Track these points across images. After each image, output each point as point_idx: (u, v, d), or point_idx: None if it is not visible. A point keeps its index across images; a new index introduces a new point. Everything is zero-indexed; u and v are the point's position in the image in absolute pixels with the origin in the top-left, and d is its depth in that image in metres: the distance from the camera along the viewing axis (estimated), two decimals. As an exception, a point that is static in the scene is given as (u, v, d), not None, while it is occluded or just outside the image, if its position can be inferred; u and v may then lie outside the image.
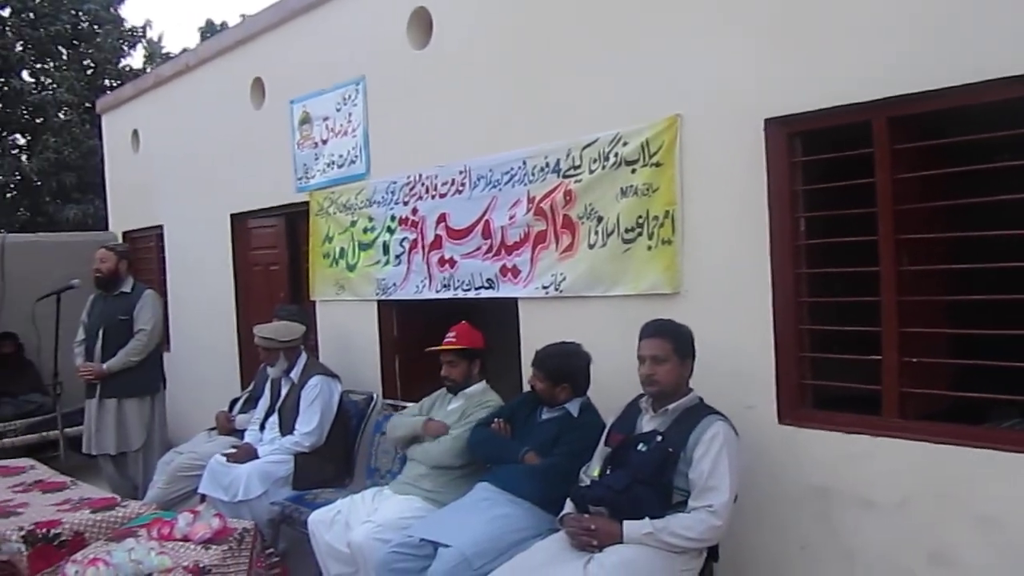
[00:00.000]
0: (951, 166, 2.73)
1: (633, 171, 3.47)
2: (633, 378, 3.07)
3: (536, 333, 3.86)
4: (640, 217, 3.45)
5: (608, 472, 2.96)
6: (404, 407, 4.50)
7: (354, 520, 3.53)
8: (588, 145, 3.65)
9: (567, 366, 3.37)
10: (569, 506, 3.01)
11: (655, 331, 2.97)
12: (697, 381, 3.05)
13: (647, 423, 2.99)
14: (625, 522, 2.77)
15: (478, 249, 4.22)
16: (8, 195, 15.57)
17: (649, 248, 3.42)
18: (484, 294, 4.21)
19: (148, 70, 15.60)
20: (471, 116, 4.27)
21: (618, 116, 3.55)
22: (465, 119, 4.31)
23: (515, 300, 4.07)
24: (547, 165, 3.84)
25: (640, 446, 2.91)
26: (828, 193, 3.00)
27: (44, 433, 6.36)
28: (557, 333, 3.62)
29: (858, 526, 2.87)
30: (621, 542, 2.75)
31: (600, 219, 3.62)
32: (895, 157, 2.77)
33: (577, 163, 3.71)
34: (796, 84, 2.95)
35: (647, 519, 2.75)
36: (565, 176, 3.76)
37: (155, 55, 16.97)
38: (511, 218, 4.02)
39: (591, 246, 3.66)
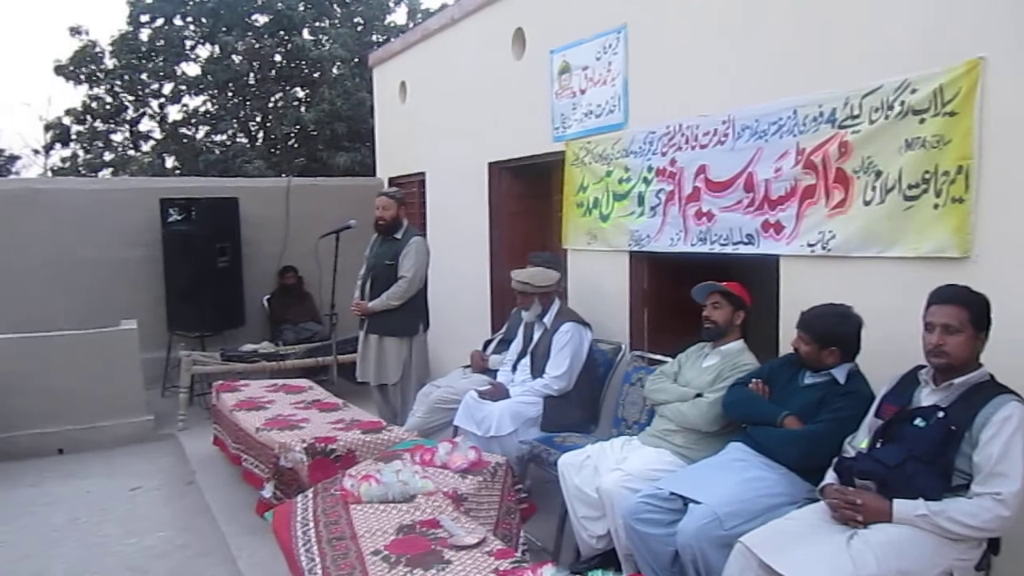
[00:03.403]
0: None
1: (921, 121, 3.16)
2: (908, 346, 2.84)
3: (798, 293, 3.67)
4: (927, 172, 3.14)
5: (878, 445, 2.77)
6: (652, 359, 4.50)
7: (603, 466, 3.57)
8: (870, 93, 3.36)
9: (837, 329, 3.17)
10: (831, 477, 2.86)
11: (950, 297, 2.69)
12: (987, 356, 2.75)
13: (926, 397, 2.75)
14: (896, 500, 2.58)
15: (739, 203, 4.06)
16: (289, 143, 17.14)
17: (936, 207, 3.12)
18: (742, 250, 4.06)
19: (411, 25, 16.43)
20: (738, 64, 4.08)
21: (907, 60, 3.23)
22: (731, 67, 4.13)
23: (775, 258, 3.88)
24: (821, 115, 3.59)
25: (918, 421, 2.68)
26: None
27: (319, 359, 7.01)
28: (822, 294, 3.41)
29: None
30: (889, 521, 2.58)
31: (879, 173, 3.34)
32: None
33: (856, 112, 3.43)
34: None
35: (921, 500, 2.56)
36: (841, 127, 3.50)
37: (416, 11, 17.81)
38: (777, 171, 3.82)
39: (867, 202, 3.40)
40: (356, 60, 15.72)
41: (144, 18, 16.25)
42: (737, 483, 3.04)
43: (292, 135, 16.93)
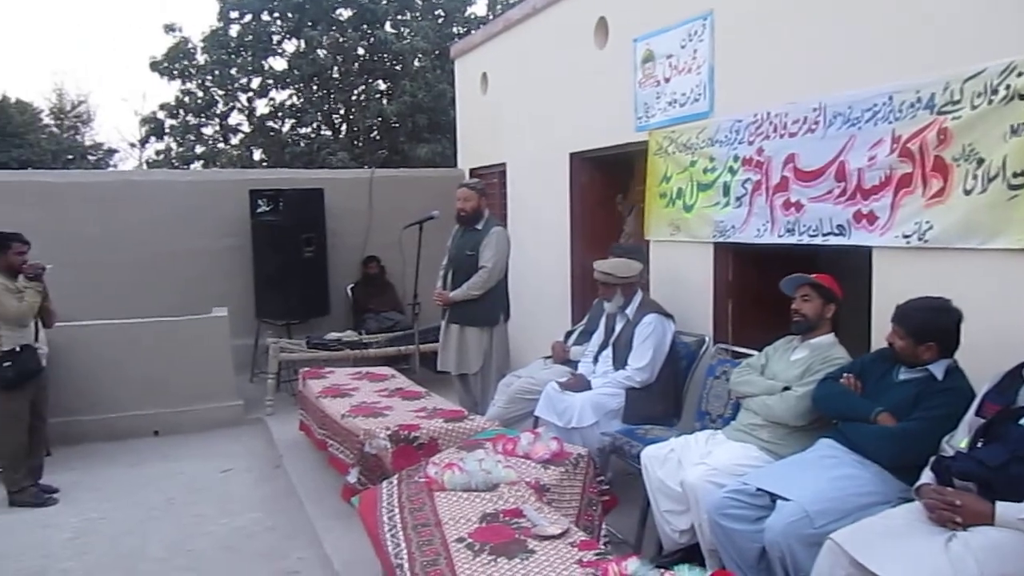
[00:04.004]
0: None
1: (1029, 106, 3.01)
2: (1011, 342, 2.73)
3: (892, 286, 3.54)
4: (1034, 160, 3.00)
5: (979, 445, 2.65)
6: (737, 352, 4.41)
7: (687, 460, 3.53)
8: (972, 77, 3.21)
9: (934, 323, 3.05)
10: (928, 476, 2.76)
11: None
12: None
13: (1033, 395, 2.64)
14: (998, 503, 2.47)
15: (829, 192, 3.94)
16: (372, 135, 17.43)
17: (1043, 196, 2.97)
18: (832, 241, 3.94)
19: (491, 17, 16.48)
20: (829, 48, 3.96)
21: (1012, 42, 3.07)
22: (822, 52, 4.00)
23: (868, 250, 3.76)
24: (918, 100, 3.45)
25: (1023, 421, 2.57)
26: None
27: (401, 347, 7.12)
28: (917, 287, 3.28)
29: None
30: (991, 524, 2.47)
31: (980, 161, 3.19)
32: None
33: (956, 98, 3.29)
34: None
35: (1026, 502, 2.45)
36: (940, 112, 3.36)
37: (496, 2, 17.85)
38: (871, 159, 3.70)
39: (967, 192, 3.25)
40: (437, 52, 15.88)
41: (233, 14, 16.74)
42: (827, 480, 2.96)
43: (374, 127, 17.22)
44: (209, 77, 17.00)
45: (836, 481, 2.96)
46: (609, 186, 6.39)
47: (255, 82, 17.18)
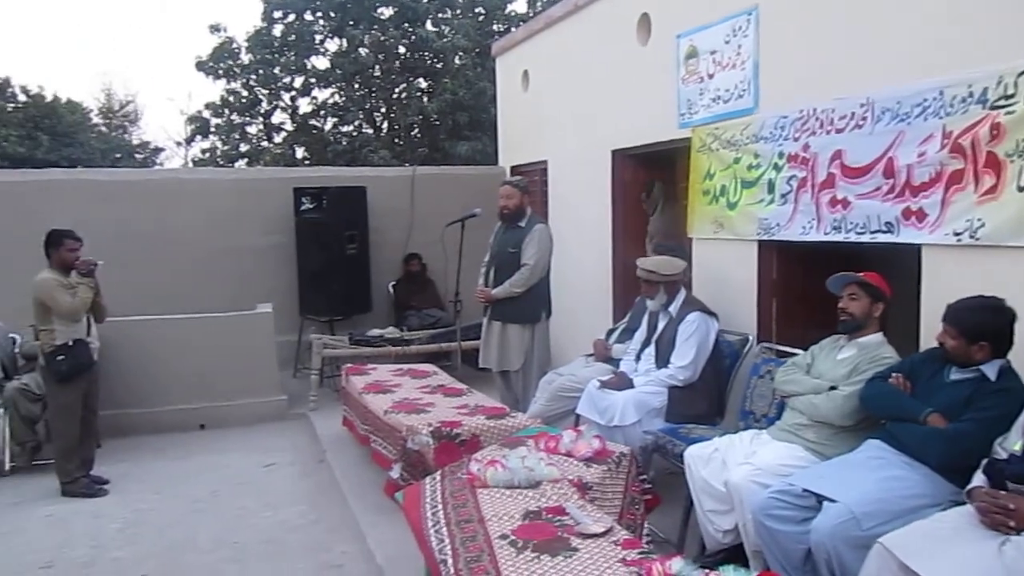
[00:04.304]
0: None
1: (1086, 100, 2.94)
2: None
3: (942, 285, 3.48)
4: (1092, 156, 2.92)
5: (1033, 447, 2.60)
6: (781, 351, 4.36)
7: (731, 460, 3.50)
8: (1027, 70, 3.15)
9: (987, 323, 2.98)
10: (980, 479, 2.71)
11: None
12: None
13: (1090, 397, 2.57)
14: (1053, 507, 2.43)
15: (877, 189, 3.88)
16: (412, 133, 17.52)
17: (1101, 193, 2.89)
18: (880, 238, 3.88)
19: (531, 14, 16.47)
20: (877, 43, 3.89)
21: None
22: (869, 46, 3.94)
23: (917, 247, 3.69)
24: (970, 95, 3.38)
25: (1080, 423, 2.51)
26: None
27: (442, 344, 7.16)
28: (969, 285, 3.22)
29: None
30: (1046, 527, 2.42)
31: (1035, 157, 3.13)
32: None
33: (1010, 92, 3.21)
34: None
35: (1083, 507, 2.39)
36: (993, 107, 3.28)
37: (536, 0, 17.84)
38: (920, 155, 3.63)
39: (1021, 188, 3.18)
40: (477, 50, 15.90)
41: (277, 14, 16.92)
42: (875, 482, 2.92)
43: (415, 125, 17.30)
44: (253, 76, 17.22)
45: (884, 482, 2.92)
46: (651, 183, 6.35)
47: (298, 81, 17.36)
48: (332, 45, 17.27)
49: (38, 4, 40.35)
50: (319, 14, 16.93)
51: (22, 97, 22.07)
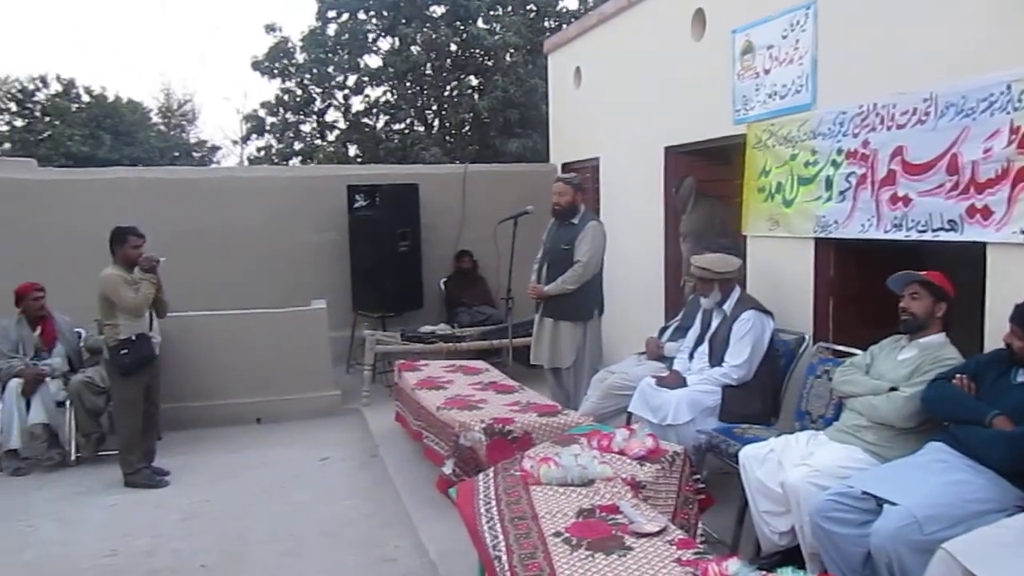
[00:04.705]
0: None
1: None
2: None
3: (1009, 284, 3.38)
4: None
5: (1106, 453, 2.52)
6: (838, 351, 4.29)
7: (787, 461, 3.45)
8: (1101, 64, 3.05)
9: (1058, 324, 2.91)
10: (1048, 484, 2.64)
11: None
12: None
13: None
14: None
15: (940, 186, 3.78)
16: (463, 130, 17.59)
17: None
18: (943, 236, 3.78)
19: (582, 11, 16.40)
20: (941, 36, 3.79)
21: None
22: (932, 40, 3.84)
23: (981, 246, 3.60)
24: (1040, 90, 3.29)
25: None
26: None
27: (493, 341, 7.18)
28: (1037, 285, 3.14)
29: None
30: (1117, 535, 2.35)
31: (1108, 153, 3.03)
32: None
33: (1082, 86, 3.12)
34: None
35: None
36: (1064, 102, 3.19)
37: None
38: (986, 151, 3.53)
39: (1093, 185, 3.09)
40: (528, 47, 15.89)
41: (331, 14, 17.12)
42: (938, 485, 2.85)
43: (466, 122, 17.35)
44: (307, 75, 17.45)
45: (947, 486, 2.86)
46: (705, 180, 6.28)
47: (351, 79, 17.53)
48: (385, 44, 17.42)
49: (101, 6, 41.53)
50: (372, 13, 17.08)
51: (86, 98, 22.75)
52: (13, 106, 22.62)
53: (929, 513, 2.73)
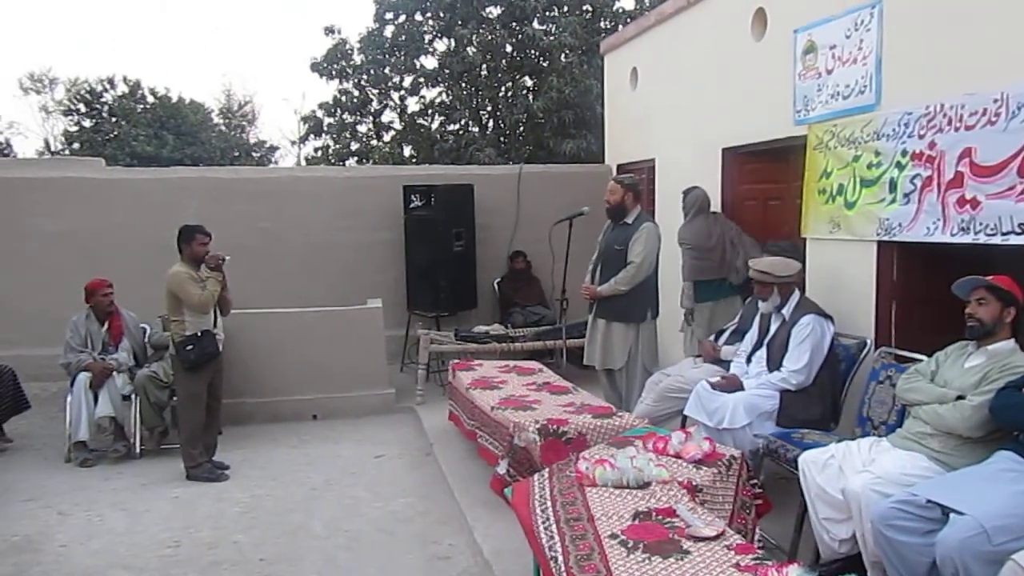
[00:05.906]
0: None
1: None
2: None
3: (1083, 290, 3.29)
4: None
5: None
6: (901, 356, 4.20)
7: (848, 467, 3.39)
8: None
9: None
10: (1125, 497, 2.55)
11: None
12: None
13: None
14: None
15: (1011, 189, 3.68)
16: (518, 131, 17.61)
17: None
18: (1014, 240, 3.67)
19: (638, 11, 16.30)
20: (1011, 34, 3.68)
21: None
22: (1002, 38, 3.73)
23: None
24: (1118, 89, 3.18)
25: None
26: None
27: (547, 342, 7.18)
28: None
29: None
30: None
31: None
32: None
33: None
34: None
35: None
36: None
37: (645, -4, 17.63)
38: (1060, 153, 3.43)
39: None
40: (584, 48, 15.84)
41: (388, 15, 17.30)
42: (1007, 496, 2.78)
43: (520, 123, 17.37)
44: (364, 76, 17.64)
45: (1018, 497, 2.78)
46: (764, 182, 6.20)
47: (407, 80, 17.69)
48: (441, 45, 17.53)
49: (167, 8, 42.61)
50: (428, 15, 17.21)
51: (150, 99, 23.37)
52: (82, 107, 23.36)
53: (998, 524, 2.66)
